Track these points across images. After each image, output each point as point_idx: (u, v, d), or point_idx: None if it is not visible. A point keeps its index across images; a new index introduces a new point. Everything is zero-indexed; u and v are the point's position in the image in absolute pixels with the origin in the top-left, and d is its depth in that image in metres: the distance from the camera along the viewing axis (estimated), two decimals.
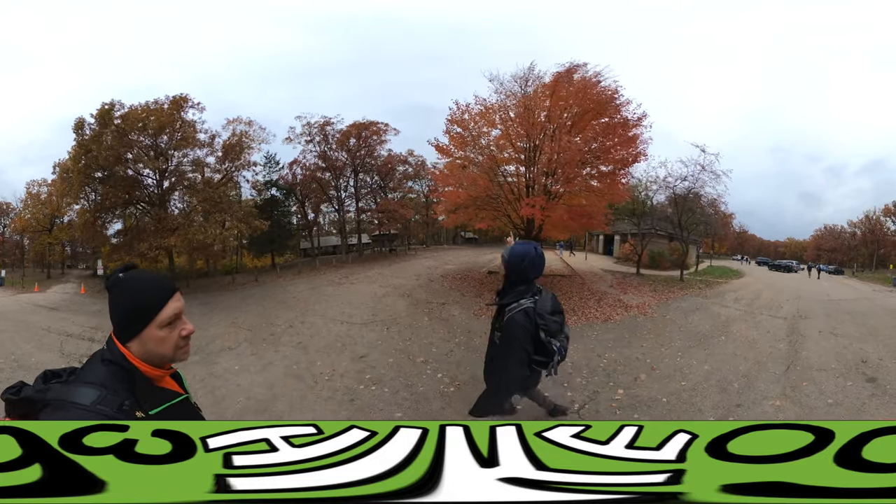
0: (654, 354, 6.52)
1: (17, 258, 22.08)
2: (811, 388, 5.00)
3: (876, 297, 13.42)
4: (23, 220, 20.86)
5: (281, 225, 20.72)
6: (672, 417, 4.62)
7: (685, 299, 11.45)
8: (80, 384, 1.11)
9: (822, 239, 31.87)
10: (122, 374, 1.16)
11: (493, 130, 12.94)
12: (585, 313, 9.67)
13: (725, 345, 6.95)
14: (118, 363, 1.17)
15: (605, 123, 11.90)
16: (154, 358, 1.21)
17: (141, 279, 1.23)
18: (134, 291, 1.20)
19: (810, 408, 4.53)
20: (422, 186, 24.19)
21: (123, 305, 1.20)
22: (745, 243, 34.28)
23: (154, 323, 1.19)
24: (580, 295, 11.60)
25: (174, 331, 1.22)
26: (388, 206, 21.03)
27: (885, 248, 27.47)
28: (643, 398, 4.85)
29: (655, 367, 5.91)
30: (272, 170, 20.56)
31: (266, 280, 17.62)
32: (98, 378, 1.13)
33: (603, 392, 5.04)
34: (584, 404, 4.75)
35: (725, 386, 5.13)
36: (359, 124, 19.90)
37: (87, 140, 14.43)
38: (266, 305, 12.80)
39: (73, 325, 10.87)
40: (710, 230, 19.25)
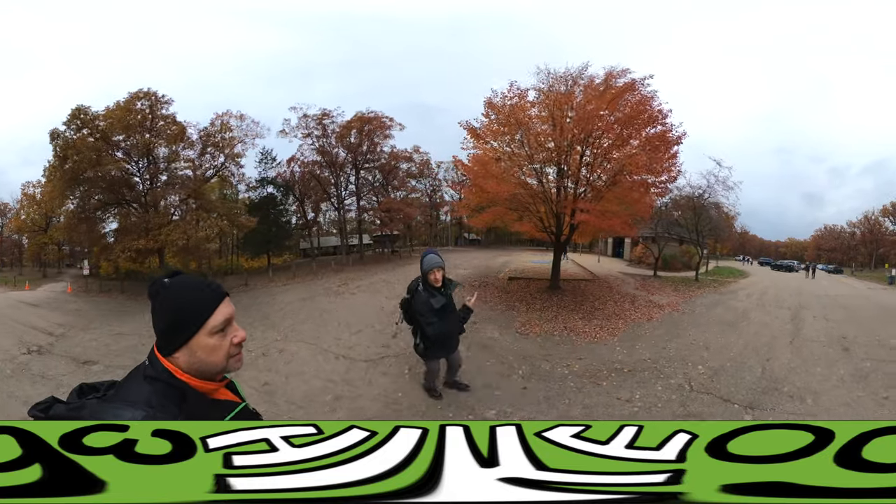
0: (702, 339, 8.23)
1: (15, 257, 22.33)
2: (807, 352, 7.26)
3: (869, 294, 14.84)
4: (19, 221, 21.12)
5: (278, 224, 19.70)
6: (740, 374, 6.20)
7: (705, 297, 12.74)
8: (120, 403, 1.01)
9: (822, 239, 31.92)
10: (170, 392, 1.06)
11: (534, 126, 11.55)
12: (629, 315, 10.33)
13: (748, 328, 9.03)
14: (163, 380, 1.07)
15: (648, 138, 11.05)
16: (205, 369, 1.12)
17: (188, 284, 1.15)
18: (180, 296, 1.12)
19: (806, 360, 6.83)
20: (425, 185, 23.52)
21: (169, 312, 1.11)
22: (747, 244, 34.31)
23: (204, 329, 1.11)
24: (614, 299, 11.93)
25: (226, 338, 1.14)
26: (391, 205, 19.83)
27: (885, 248, 27.54)
28: (716, 367, 6.51)
29: (709, 348, 7.64)
30: (268, 166, 19.47)
31: (257, 284, 16.35)
32: (142, 397, 1.03)
33: (688, 371, 6.42)
34: (685, 383, 5.97)
35: (757, 351, 7.35)
36: (362, 117, 18.62)
37: (63, 146, 14.33)
38: (244, 319, 10.74)
39: (43, 321, 11.09)
40: (715, 233, 19.88)
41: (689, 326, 9.23)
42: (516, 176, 11.64)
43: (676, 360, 6.87)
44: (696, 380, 5.96)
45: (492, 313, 9.94)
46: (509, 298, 11.44)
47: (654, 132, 11.03)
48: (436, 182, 24.38)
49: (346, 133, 18.83)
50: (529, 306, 10.72)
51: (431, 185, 23.88)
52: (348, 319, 9.68)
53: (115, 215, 16.70)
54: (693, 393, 5.47)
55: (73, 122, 14.40)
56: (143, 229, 14.86)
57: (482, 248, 27.56)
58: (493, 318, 9.51)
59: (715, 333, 8.57)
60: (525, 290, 12.56)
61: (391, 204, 19.90)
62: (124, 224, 16.15)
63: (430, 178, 23.15)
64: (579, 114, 10.91)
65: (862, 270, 27.21)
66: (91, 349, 8.79)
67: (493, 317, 9.67)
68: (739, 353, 7.26)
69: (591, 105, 10.89)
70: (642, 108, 10.92)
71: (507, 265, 17.51)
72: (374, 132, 18.94)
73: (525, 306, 10.69)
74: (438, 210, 26.40)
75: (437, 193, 24.99)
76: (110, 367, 7.63)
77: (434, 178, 23.90)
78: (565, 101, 11.17)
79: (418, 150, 20.94)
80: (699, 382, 5.84)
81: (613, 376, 6.24)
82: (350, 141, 19.02)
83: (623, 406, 5.16)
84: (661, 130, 11.05)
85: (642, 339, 8.38)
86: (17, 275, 20.16)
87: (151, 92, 15.27)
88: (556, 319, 9.79)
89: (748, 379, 5.85)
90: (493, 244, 28.46)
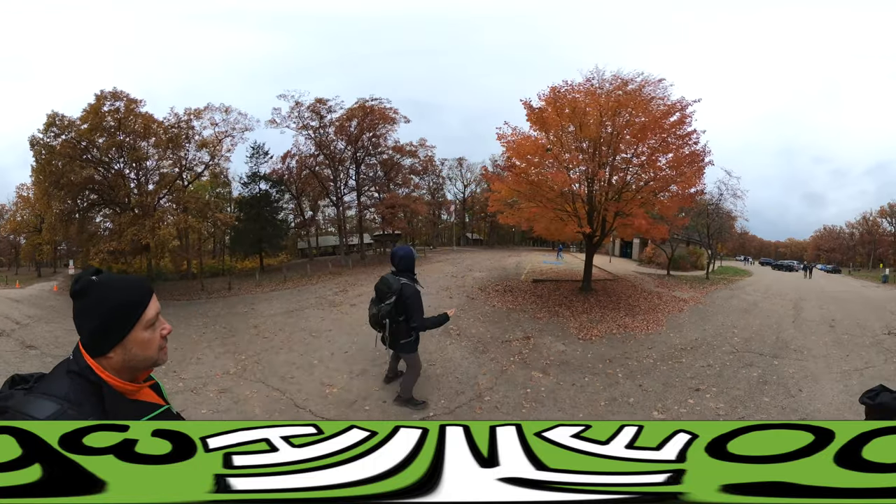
0: (729, 322, 10.11)
1: (12, 258, 22.72)
2: (805, 328, 9.49)
3: (860, 290, 16.90)
4: (14, 222, 21.43)
5: (271, 222, 18.50)
6: (762, 340, 8.46)
7: (718, 292, 14.34)
8: (40, 395, 1.02)
9: (821, 239, 31.97)
10: (90, 388, 1.06)
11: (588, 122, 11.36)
12: (663, 309, 11.54)
13: (760, 313, 11.21)
14: (84, 376, 1.07)
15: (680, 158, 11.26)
16: (139, 364, 1.13)
17: (117, 280, 1.13)
18: (114, 292, 1.09)
19: (804, 333, 9.06)
20: (429, 183, 22.29)
21: (104, 309, 1.08)
22: (747, 244, 34.34)
23: (140, 324, 1.11)
24: (643, 296, 12.94)
25: (156, 331, 1.15)
26: (396, 201, 18.39)
27: (882, 248, 27.62)
28: (745, 337, 8.72)
29: (735, 327, 9.60)
30: (260, 160, 18.25)
31: (241, 288, 14.98)
32: (60, 391, 1.03)
33: (729, 342, 8.40)
34: (731, 349, 7.96)
35: (770, 327, 9.52)
36: (363, 105, 16.98)
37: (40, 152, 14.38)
38: (200, 337, 9.10)
39: (17, 313, 11.57)
40: (722, 235, 21.05)
41: (715, 314, 11.12)
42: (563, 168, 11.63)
43: (717, 337, 8.85)
44: (737, 346, 8.15)
45: (540, 323, 9.50)
46: (546, 304, 11.20)
47: (688, 151, 11.41)
48: (439, 180, 23.47)
49: (347, 123, 17.20)
50: (572, 310, 10.74)
51: (435, 182, 23.03)
52: (343, 347, 7.26)
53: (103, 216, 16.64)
54: (739, 353, 7.69)
55: (50, 129, 14.47)
56: (115, 231, 14.80)
57: (485, 247, 27.18)
58: (546, 329, 9.11)
59: (736, 318, 10.62)
60: (556, 293, 12.49)
61: (395, 200, 18.56)
62: (104, 225, 16.16)
63: (433, 174, 21.99)
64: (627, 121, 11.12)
65: (859, 270, 27.40)
66: (40, 338, 9.27)
67: (545, 327, 9.27)
68: (758, 329, 9.43)
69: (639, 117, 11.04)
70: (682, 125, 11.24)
71: (520, 266, 17.11)
72: (377, 123, 17.42)
73: (568, 311, 10.69)
74: (441, 209, 25.85)
75: (439, 192, 24.35)
76: (45, 353, 8.18)
77: (438, 175, 22.87)
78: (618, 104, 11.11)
79: (424, 143, 19.34)
80: (739, 347, 8.07)
81: (684, 354, 7.70)
82: (351, 131, 17.39)
83: (709, 368, 6.91)
84: (694, 151, 11.41)
85: (684, 326, 9.86)
86: (13, 274, 20.41)
87: (120, 93, 15.04)
88: (605, 320, 10.06)
89: (768, 343, 8.35)
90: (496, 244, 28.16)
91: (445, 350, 7.22)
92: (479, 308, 10.41)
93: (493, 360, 6.92)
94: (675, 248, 18.11)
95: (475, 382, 5.97)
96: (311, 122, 17.06)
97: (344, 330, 8.54)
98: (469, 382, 5.94)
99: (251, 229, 17.55)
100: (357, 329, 8.30)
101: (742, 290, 14.88)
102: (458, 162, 25.13)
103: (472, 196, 26.22)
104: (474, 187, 25.98)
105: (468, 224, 28.02)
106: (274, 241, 19.10)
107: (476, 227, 28.79)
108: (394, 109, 17.37)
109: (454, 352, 7.20)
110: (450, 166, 24.80)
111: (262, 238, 18.19)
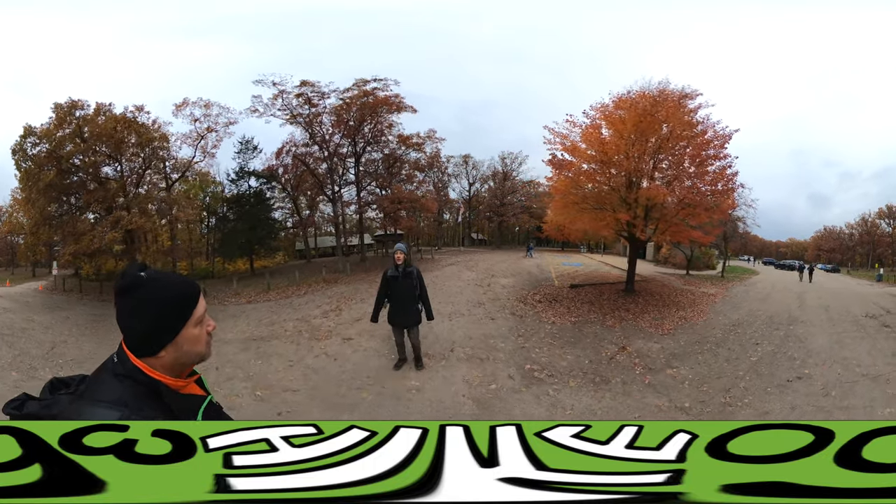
0: (754, 308, 12.06)
1: (9, 257, 23.15)
2: (808, 310, 11.40)
3: (855, 287, 18.78)
4: (9, 223, 21.72)
5: (262, 222, 17.27)
6: (780, 316, 10.62)
7: (737, 287, 16.18)
8: (94, 403, 0.97)
9: (822, 239, 32.15)
10: (142, 391, 1.02)
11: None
12: (701, 301, 13.12)
13: (773, 300, 13.19)
14: (135, 378, 1.03)
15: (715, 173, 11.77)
16: (189, 360, 1.12)
17: (166, 276, 1.11)
18: (165, 289, 1.06)
19: (808, 313, 11.03)
20: (434, 179, 20.45)
21: (156, 307, 1.04)
22: (749, 243, 34.45)
23: (191, 320, 1.09)
24: (680, 293, 14.23)
25: (204, 327, 1.15)
26: (402, 196, 16.61)
27: (881, 248, 27.90)
28: (769, 314, 10.90)
29: (760, 310, 11.60)
30: (248, 156, 16.83)
31: (215, 297, 13.46)
32: (116, 396, 0.98)
33: (761, 318, 10.68)
34: (766, 320, 10.45)
35: (783, 310, 11.43)
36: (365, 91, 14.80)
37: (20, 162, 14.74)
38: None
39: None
40: (732, 238, 22.17)
41: (742, 303, 13.14)
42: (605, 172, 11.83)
43: (751, 316, 11.04)
44: (766, 321, 10.45)
45: (615, 330, 9.49)
46: (603, 309, 11.20)
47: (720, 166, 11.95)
48: (444, 177, 21.72)
49: (345, 112, 15.33)
50: (632, 311, 11.23)
51: (440, 179, 21.27)
52: None
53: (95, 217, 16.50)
54: (770, 323, 10.06)
55: (25, 140, 14.75)
56: (77, 234, 14.87)
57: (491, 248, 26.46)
58: (625, 334, 9.28)
59: (758, 305, 12.75)
60: (602, 297, 12.57)
61: (401, 195, 16.66)
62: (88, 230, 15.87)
63: (438, 170, 20.28)
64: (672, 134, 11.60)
65: (858, 270, 27.90)
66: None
67: (624, 333, 9.41)
68: (776, 311, 11.55)
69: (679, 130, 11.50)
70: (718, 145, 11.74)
71: (542, 269, 16.26)
72: (379, 107, 15.45)
73: (629, 313, 11.20)
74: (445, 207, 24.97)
75: (444, 189, 22.20)
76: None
77: (443, 171, 21.11)
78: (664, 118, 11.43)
79: (432, 135, 17.29)
80: (768, 321, 10.35)
81: (738, 327, 10.08)
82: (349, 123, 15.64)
83: (758, 331, 9.64)
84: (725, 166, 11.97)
85: (724, 312, 11.74)
86: (10, 274, 20.76)
87: (79, 102, 14.92)
88: (665, 315, 11.34)
89: (784, 318, 10.49)
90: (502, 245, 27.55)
91: (579, 400, 5.67)
92: (538, 328, 8.90)
93: (627, 384, 6.14)
94: (694, 250, 18.97)
95: (653, 409, 5.74)
96: (301, 109, 15.14)
97: (318, 398, 5.12)
98: (648, 409, 5.69)
99: (240, 229, 16.50)
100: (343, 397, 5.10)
101: (754, 286, 16.78)
102: (463, 159, 24.45)
103: (476, 195, 25.59)
104: (479, 186, 25.39)
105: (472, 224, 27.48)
106: (266, 242, 17.84)
107: (480, 227, 28.28)
108: (399, 96, 15.40)
109: (584, 398, 5.72)
110: (455, 163, 24.02)
111: (251, 239, 16.92)
